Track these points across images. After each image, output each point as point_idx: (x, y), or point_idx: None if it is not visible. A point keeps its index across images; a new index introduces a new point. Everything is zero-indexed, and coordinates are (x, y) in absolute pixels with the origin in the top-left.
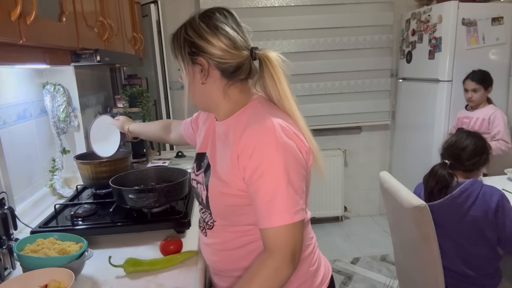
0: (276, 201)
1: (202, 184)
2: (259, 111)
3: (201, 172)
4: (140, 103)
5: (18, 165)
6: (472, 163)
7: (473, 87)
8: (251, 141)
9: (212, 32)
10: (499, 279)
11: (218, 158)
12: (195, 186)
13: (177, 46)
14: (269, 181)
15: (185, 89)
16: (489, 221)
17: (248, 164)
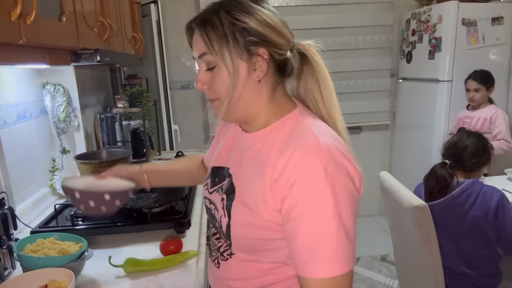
0: (322, 247)
1: (222, 209)
2: (302, 125)
3: (218, 191)
4: (140, 103)
5: (18, 165)
6: (473, 163)
7: (475, 87)
8: (293, 167)
9: (270, 13)
10: (499, 279)
11: (245, 178)
12: (208, 206)
13: (217, 34)
14: (314, 221)
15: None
16: (489, 221)
17: (287, 196)
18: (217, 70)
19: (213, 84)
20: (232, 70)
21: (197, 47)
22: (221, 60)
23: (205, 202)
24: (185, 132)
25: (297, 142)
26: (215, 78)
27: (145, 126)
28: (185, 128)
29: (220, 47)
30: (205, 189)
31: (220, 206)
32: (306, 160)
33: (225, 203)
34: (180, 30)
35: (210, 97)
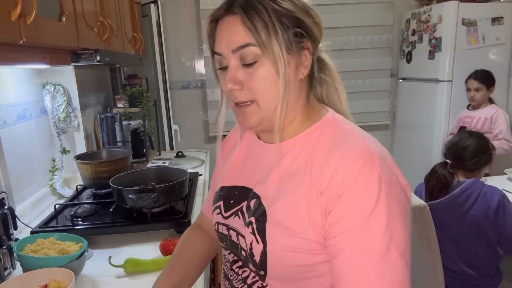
0: (370, 268)
1: (252, 234)
2: (344, 129)
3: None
4: (140, 103)
5: (18, 165)
6: (473, 163)
7: (475, 86)
8: (342, 176)
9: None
10: (499, 279)
11: (279, 196)
12: (225, 232)
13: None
14: (363, 237)
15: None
16: (489, 221)
17: (334, 208)
18: (258, 65)
19: (250, 83)
20: (283, 66)
21: (236, 37)
22: (269, 52)
23: (218, 229)
24: (185, 132)
25: (344, 147)
26: (254, 75)
27: (145, 126)
28: (185, 128)
29: (268, 37)
30: (216, 213)
31: (247, 231)
32: (358, 168)
33: (256, 227)
34: (180, 30)
35: (242, 99)
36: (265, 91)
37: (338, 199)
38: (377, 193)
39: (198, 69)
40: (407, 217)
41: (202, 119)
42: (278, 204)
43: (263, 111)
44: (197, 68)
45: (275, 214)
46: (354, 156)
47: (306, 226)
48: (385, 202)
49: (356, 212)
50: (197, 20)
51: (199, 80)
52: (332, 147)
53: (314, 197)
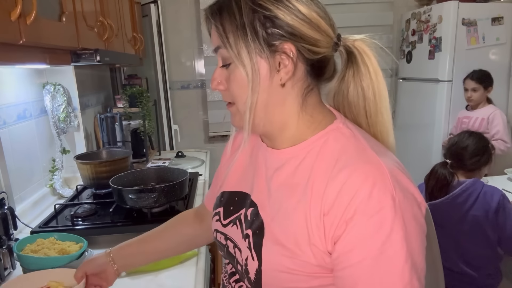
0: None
1: (249, 249)
2: (353, 141)
3: (235, 223)
4: (140, 103)
5: (18, 165)
6: (473, 163)
7: (472, 86)
8: (350, 196)
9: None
10: (499, 279)
11: (278, 209)
12: (223, 242)
13: (233, 24)
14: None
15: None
16: (489, 221)
17: (342, 234)
18: (232, 68)
19: (228, 85)
20: (251, 70)
21: (213, 38)
22: (236, 56)
23: (217, 237)
24: (185, 132)
25: (351, 163)
26: (230, 77)
27: (145, 126)
28: (185, 128)
29: (236, 40)
30: (215, 220)
31: (244, 245)
32: (367, 188)
33: (252, 241)
34: (180, 30)
35: (226, 99)
36: (238, 94)
37: (347, 224)
38: (392, 216)
39: (198, 69)
40: (423, 236)
41: (202, 119)
42: (277, 219)
43: (243, 113)
44: (197, 68)
45: (273, 230)
46: (362, 174)
47: (305, 248)
48: (402, 226)
49: (370, 239)
50: (197, 20)
51: (199, 80)
52: (339, 161)
53: (316, 218)
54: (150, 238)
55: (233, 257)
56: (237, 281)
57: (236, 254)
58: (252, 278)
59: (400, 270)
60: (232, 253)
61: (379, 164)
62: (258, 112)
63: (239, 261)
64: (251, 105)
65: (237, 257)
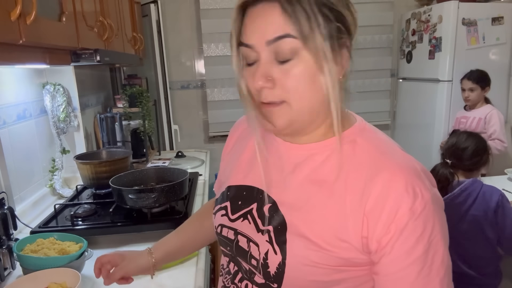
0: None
1: (269, 243)
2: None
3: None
4: (140, 103)
5: (18, 165)
6: (474, 163)
7: (470, 86)
8: (396, 195)
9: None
10: (499, 279)
11: (303, 205)
12: (231, 237)
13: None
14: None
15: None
16: (489, 220)
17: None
18: (296, 62)
19: (284, 82)
20: (329, 61)
21: (273, 27)
22: (311, 46)
23: (222, 232)
24: (185, 132)
25: (392, 163)
26: (290, 73)
27: (145, 126)
28: (185, 128)
29: (310, 28)
30: (221, 215)
31: (262, 239)
32: (412, 186)
33: (274, 236)
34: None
35: (273, 99)
36: (300, 91)
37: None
38: (432, 213)
39: (198, 69)
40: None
41: (202, 119)
42: (302, 214)
43: (295, 112)
44: (197, 68)
45: (298, 225)
46: (402, 174)
47: (334, 242)
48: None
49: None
50: (197, 20)
51: (199, 80)
52: (378, 160)
53: (352, 215)
54: (188, 231)
55: (244, 252)
56: (242, 279)
57: (251, 249)
58: (273, 272)
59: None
60: (244, 248)
61: (414, 165)
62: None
63: (254, 256)
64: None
65: (251, 252)
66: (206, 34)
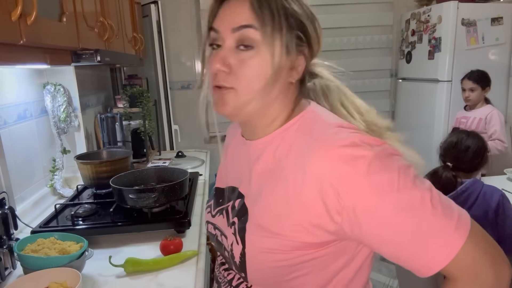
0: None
1: (233, 234)
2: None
3: (222, 213)
4: (140, 103)
5: (19, 165)
6: (475, 164)
7: (470, 86)
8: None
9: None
10: None
11: (258, 195)
12: (213, 232)
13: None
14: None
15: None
16: (489, 220)
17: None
18: (253, 53)
19: (238, 69)
20: (279, 59)
21: (240, 17)
22: (269, 42)
23: (208, 228)
24: (185, 132)
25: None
26: (245, 62)
27: (145, 126)
28: (185, 128)
29: (272, 28)
30: (207, 212)
31: (230, 231)
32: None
33: (237, 227)
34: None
35: (225, 83)
36: (249, 82)
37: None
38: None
39: (198, 69)
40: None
41: None
42: (258, 204)
43: (240, 101)
44: (197, 68)
45: (256, 215)
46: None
47: (287, 227)
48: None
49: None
50: (197, 20)
51: (199, 80)
52: (311, 142)
53: (298, 197)
54: None
55: (221, 245)
56: (227, 269)
57: (223, 241)
58: (238, 261)
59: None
60: (220, 241)
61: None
62: (258, 102)
63: (226, 248)
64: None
65: (224, 245)
66: None
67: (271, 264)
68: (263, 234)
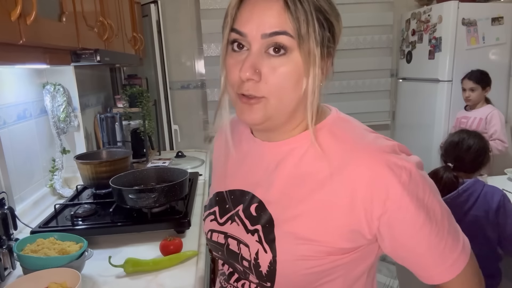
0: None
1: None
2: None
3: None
4: (140, 103)
5: (18, 165)
6: (476, 164)
7: (470, 86)
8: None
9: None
10: (499, 279)
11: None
12: (221, 241)
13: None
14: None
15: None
16: (490, 221)
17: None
18: (286, 60)
19: (270, 78)
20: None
21: (273, 21)
22: (305, 48)
23: (212, 237)
24: (185, 132)
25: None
26: (278, 70)
27: (145, 126)
28: (185, 128)
29: (306, 32)
30: (210, 220)
31: (252, 239)
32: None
33: (263, 235)
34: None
35: (255, 93)
36: (283, 90)
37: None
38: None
39: (198, 69)
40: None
41: (202, 119)
42: (289, 209)
43: (272, 110)
44: (197, 68)
45: (285, 221)
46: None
47: (323, 233)
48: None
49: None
50: (197, 20)
51: (199, 80)
52: (352, 147)
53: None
54: None
55: (235, 254)
56: (238, 279)
57: (242, 251)
58: (265, 271)
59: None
60: (234, 251)
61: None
62: (290, 109)
63: (246, 257)
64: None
65: (242, 254)
66: (206, 34)
67: (304, 271)
68: (297, 242)
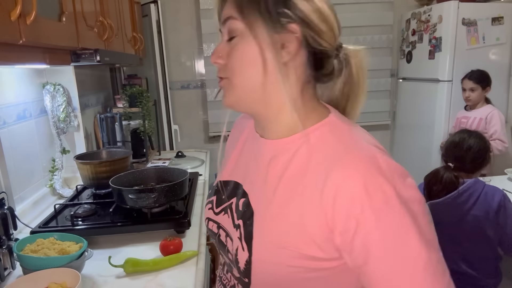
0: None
1: (239, 239)
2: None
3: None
4: (140, 103)
5: (18, 165)
6: (476, 164)
7: (470, 86)
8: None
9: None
10: (499, 279)
11: (269, 201)
12: (215, 231)
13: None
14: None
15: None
16: (490, 221)
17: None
18: (238, 40)
19: (229, 58)
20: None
21: (226, 10)
22: (249, 28)
23: (208, 225)
24: (185, 132)
25: (349, 157)
26: (234, 50)
27: (145, 126)
28: (185, 128)
29: (250, 11)
30: (208, 208)
31: (235, 235)
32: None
33: (243, 231)
34: (180, 30)
35: (222, 74)
36: (239, 68)
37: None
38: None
39: (198, 69)
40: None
41: (202, 119)
42: (269, 210)
43: (239, 89)
44: (197, 68)
45: (265, 221)
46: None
47: (297, 240)
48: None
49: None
50: (197, 20)
51: (199, 80)
52: (336, 155)
53: (313, 210)
54: None
55: (224, 246)
56: (227, 271)
57: (228, 244)
58: (242, 268)
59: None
60: (223, 242)
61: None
62: (256, 88)
63: (230, 251)
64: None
65: (228, 246)
66: (206, 34)
67: (279, 276)
68: (273, 245)
